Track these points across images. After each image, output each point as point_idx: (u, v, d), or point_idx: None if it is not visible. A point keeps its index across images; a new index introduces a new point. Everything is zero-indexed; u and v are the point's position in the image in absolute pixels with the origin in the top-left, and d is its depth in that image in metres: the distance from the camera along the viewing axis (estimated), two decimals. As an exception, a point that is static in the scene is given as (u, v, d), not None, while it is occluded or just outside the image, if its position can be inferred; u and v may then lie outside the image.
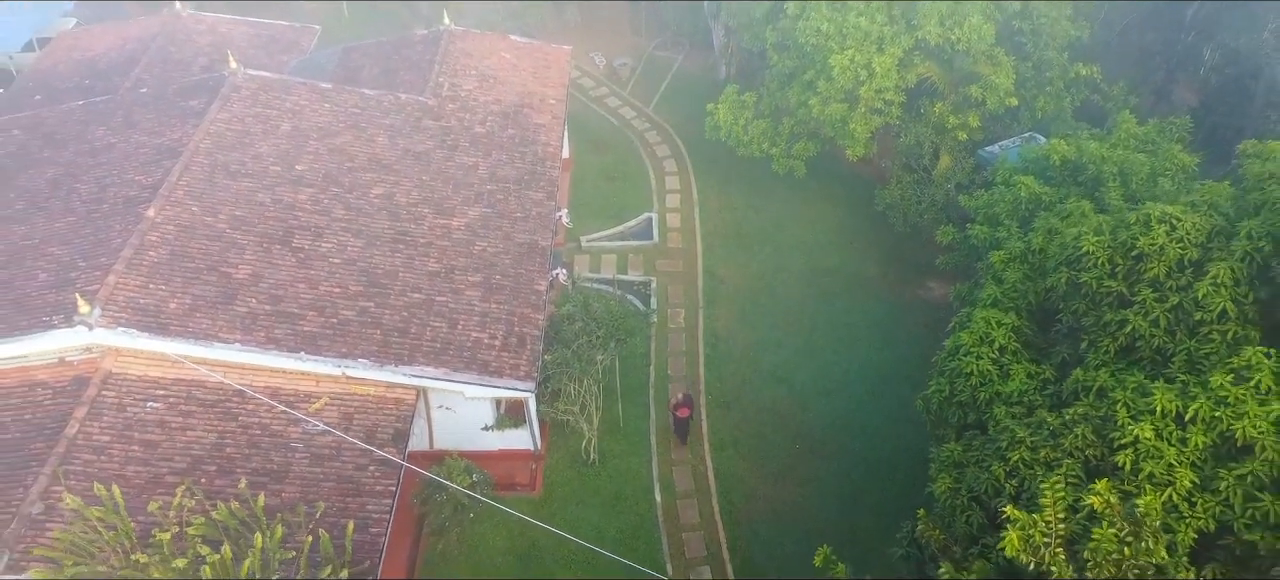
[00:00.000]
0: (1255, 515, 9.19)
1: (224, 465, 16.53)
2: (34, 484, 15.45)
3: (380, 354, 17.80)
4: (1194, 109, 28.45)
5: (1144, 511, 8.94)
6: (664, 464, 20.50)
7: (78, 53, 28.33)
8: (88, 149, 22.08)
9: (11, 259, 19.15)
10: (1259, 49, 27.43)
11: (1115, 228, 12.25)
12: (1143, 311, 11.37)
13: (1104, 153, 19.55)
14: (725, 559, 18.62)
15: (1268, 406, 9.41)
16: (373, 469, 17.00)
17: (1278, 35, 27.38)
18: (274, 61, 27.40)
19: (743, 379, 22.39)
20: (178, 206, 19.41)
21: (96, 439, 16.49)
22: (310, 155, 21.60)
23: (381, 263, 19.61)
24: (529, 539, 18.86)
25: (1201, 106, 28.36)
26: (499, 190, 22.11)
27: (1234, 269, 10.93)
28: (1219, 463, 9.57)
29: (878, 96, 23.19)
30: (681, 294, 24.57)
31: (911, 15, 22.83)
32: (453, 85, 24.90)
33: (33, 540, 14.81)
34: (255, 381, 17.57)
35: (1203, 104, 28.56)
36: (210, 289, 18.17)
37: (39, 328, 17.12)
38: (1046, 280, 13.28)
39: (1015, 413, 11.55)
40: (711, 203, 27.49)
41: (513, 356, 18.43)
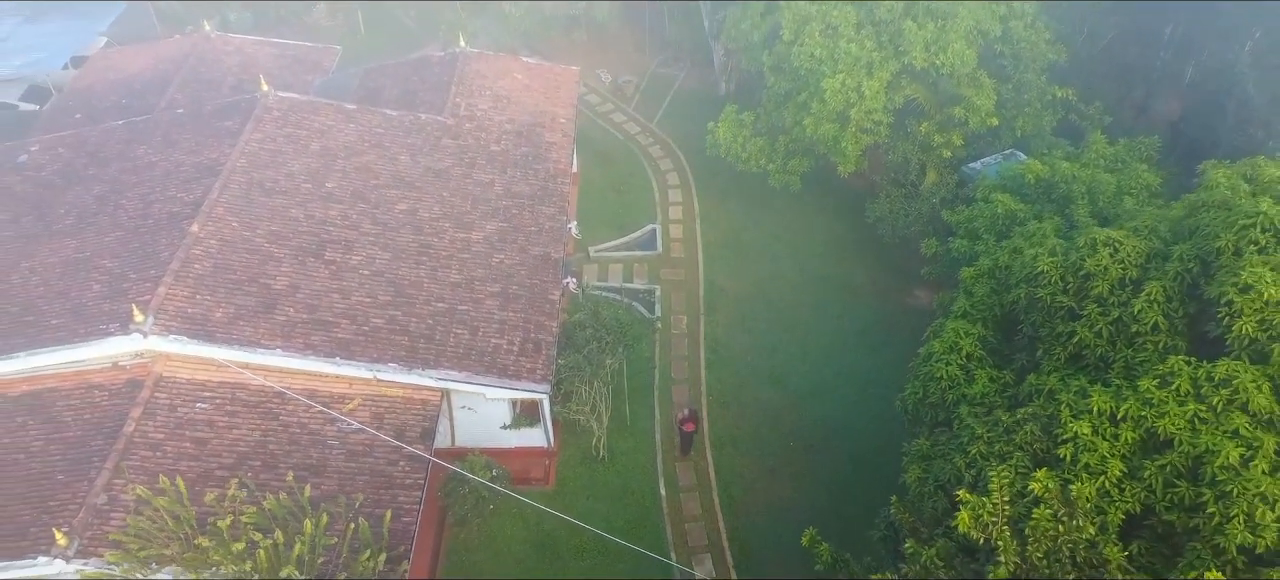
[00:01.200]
0: (1173, 499, 10.79)
1: (267, 461, 18.14)
2: (98, 477, 17.05)
3: (408, 359, 19.39)
4: (1174, 123, 30.01)
5: (1077, 496, 10.54)
6: (668, 460, 22.11)
7: (113, 72, 29.92)
8: (131, 167, 23.66)
9: (66, 271, 20.78)
10: (1232, 67, 28.96)
11: (1067, 250, 13.88)
12: (1088, 324, 12.98)
13: (1075, 172, 21.18)
14: (724, 547, 20.23)
15: (1185, 407, 11.00)
16: (403, 464, 18.59)
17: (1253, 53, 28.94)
18: (299, 81, 28.97)
19: (741, 381, 23.98)
20: (219, 222, 21.00)
21: (152, 436, 18.10)
22: (339, 173, 23.19)
23: (407, 274, 21.21)
24: (544, 530, 20.45)
25: (1181, 121, 29.93)
26: (514, 206, 23.71)
27: (1166, 287, 12.54)
28: (1144, 455, 11.16)
29: (867, 117, 24.77)
30: (684, 301, 26.17)
31: (899, 41, 24.41)
32: (469, 105, 26.48)
33: (99, 528, 16.41)
34: (294, 384, 19.17)
35: (1182, 118, 30.11)
36: (251, 299, 19.77)
37: (97, 335, 18.72)
38: (1009, 295, 14.91)
39: (976, 412, 13.16)
40: (712, 215, 29.08)
41: (529, 361, 20.01)
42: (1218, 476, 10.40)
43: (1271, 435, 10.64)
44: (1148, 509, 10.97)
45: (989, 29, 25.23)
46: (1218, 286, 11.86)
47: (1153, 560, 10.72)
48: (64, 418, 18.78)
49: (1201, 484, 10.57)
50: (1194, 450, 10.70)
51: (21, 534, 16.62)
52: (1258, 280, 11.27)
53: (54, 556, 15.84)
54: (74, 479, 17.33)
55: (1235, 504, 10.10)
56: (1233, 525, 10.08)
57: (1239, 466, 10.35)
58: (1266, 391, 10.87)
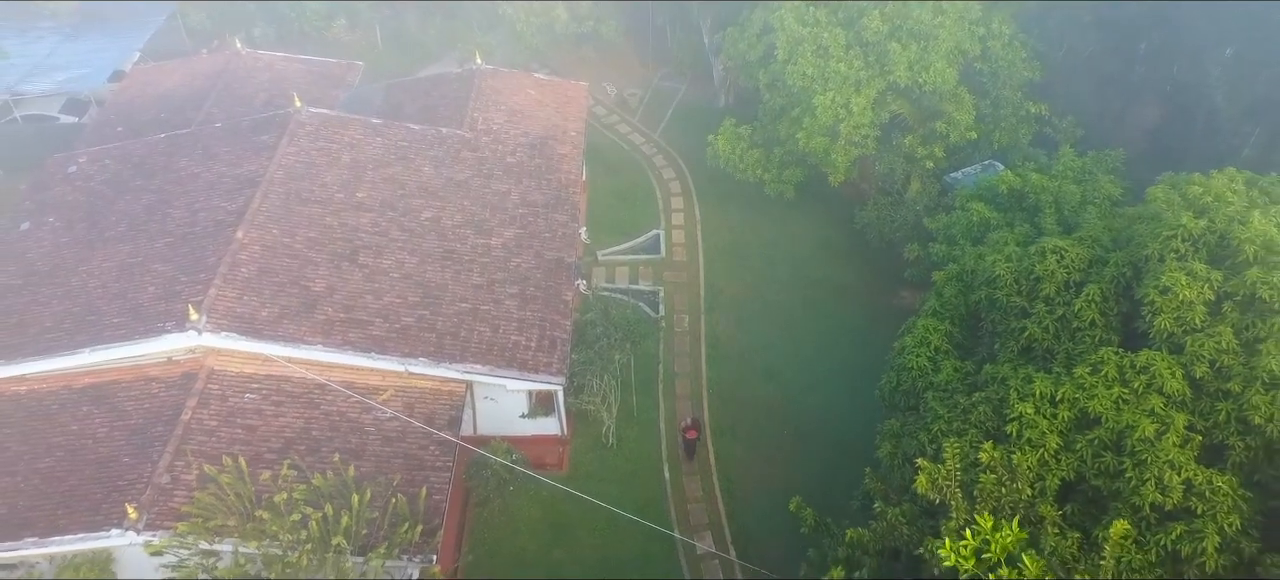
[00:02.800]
0: (1100, 467, 12.73)
1: (311, 445, 20.13)
2: (160, 459, 19.04)
3: (437, 353, 21.36)
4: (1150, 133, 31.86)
5: (1019, 464, 12.49)
6: (672, 448, 24.11)
7: (151, 87, 31.91)
8: (175, 178, 25.65)
9: (122, 274, 22.78)
10: (1203, 80, 30.85)
11: (1022, 256, 15.86)
12: (1037, 321, 14.95)
13: (1044, 183, 23.17)
14: (724, 525, 22.24)
15: (1111, 390, 12.94)
16: (433, 449, 20.57)
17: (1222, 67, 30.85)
18: (325, 96, 30.91)
19: (739, 375, 25.97)
20: (261, 229, 22.98)
21: (206, 423, 20.10)
22: (368, 183, 25.17)
23: (433, 277, 23.19)
24: (558, 510, 22.45)
25: (1156, 131, 31.80)
26: (530, 213, 25.70)
27: (1103, 289, 14.50)
28: (1077, 431, 13.10)
29: (856, 131, 26.77)
30: (686, 301, 28.17)
31: (884, 61, 26.42)
32: (486, 120, 28.47)
33: (164, 505, 18.40)
34: (333, 376, 21.15)
35: (1157, 129, 31.99)
36: (293, 300, 21.76)
37: (155, 332, 20.72)
38: (973, 295, 16.89)
39: (940, 397, 15.11)
40: (712, 221, 31.08)
41: (546, 356, 21.98)
42: (1136, 448, 12.37)
43: (1182, 414, 12.61)
44: (1080, 476, 12.94)
45: (969, 49, 27.25)
46: (1144, 288, 13.85)
47: (1083, 518, 12.67)
48: (126, 407, 20.79)
49: (1123, 454, 12.54)
50: (1118, 426, 12.68)
51: (95, 510, 18.63)
52: (1175, 283, 13.25)
53: (126, 529, 17.82)
54: (138, 461, 19.33)
55: (1148, 470, 12.07)
56: (1146, 487, 12.04)
57: (1153, 439, 12.32)
58: (1179, 377, 12.85)
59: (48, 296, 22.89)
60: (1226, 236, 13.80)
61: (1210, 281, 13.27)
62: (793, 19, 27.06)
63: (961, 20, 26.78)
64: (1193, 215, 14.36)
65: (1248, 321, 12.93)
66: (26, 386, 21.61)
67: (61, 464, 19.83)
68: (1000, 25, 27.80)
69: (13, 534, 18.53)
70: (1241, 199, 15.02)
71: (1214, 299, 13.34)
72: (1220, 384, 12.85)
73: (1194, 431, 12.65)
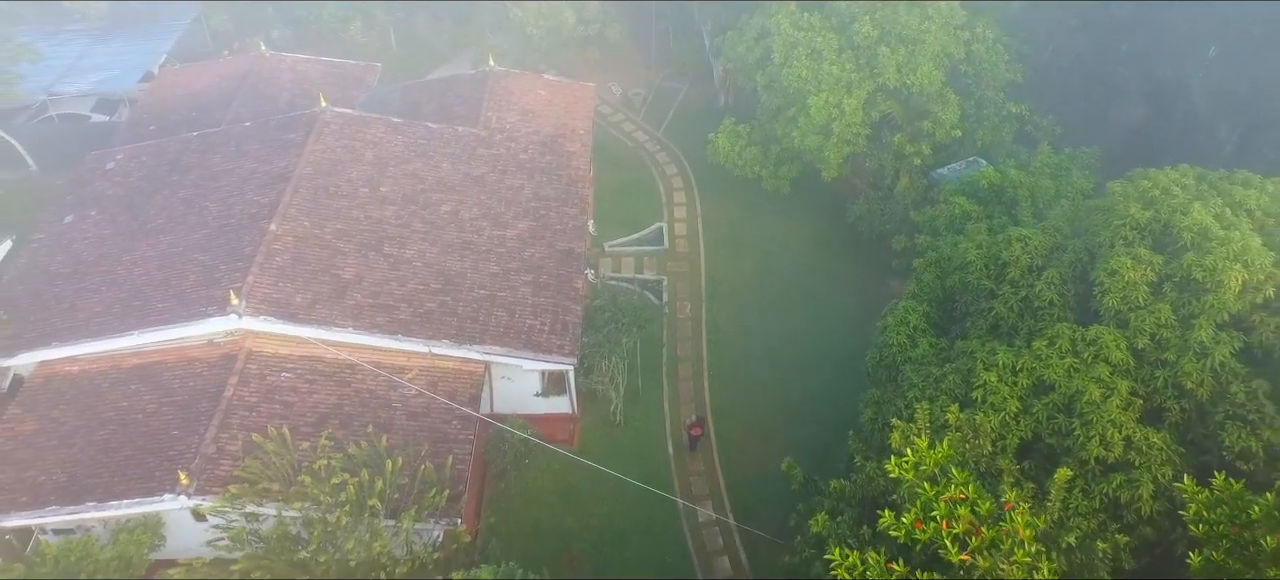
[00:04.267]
0: (1053, 427, 14.46)
1: (344, 419, 21.89)
2: (207, 432, 20.80)
3: (458, 336, 23.11)
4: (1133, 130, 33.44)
5: (981, 423, 14.21)
6: (675, 425, 25.87)
7: (180, 88, 33.63)
8: (209, 174, 27.36)
9: (164, 263, 24.52)
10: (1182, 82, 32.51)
11: (991, 244, 17.60)
12: (1003, 301, 16.68)
13: (1021, 178, 24.90)
14: (723, 495, 24.01)
15: (1064, 361, 14.65)
16: (455, 423, 22.32)
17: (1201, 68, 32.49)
18: (345, 96, 32.60)
19: (737, 359, 27.70)
20: (292, 222, 24.69)
21: (247, 400, 21.86)
22: (391, 179, 26.89)
23: (453, 266, 24.93)
24: (569, 482, 24.20)
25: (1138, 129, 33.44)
26: (542, 207, 27.42)
27: (1062, 272, 16.22)
28: (1034, 396, 14.83)
29: (848, 129, 28.49)
30: (687, 290, 29.91)
31: (875, 64, 28.13)
32: (499, 118, 30.18)
33: (211, 472, 20.16)
34: (362, 357, 22.90)
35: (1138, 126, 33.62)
36: (325, 287, 23.49)
37: (199, 316, 22.47)
38: (949, 280, 18.62)
39: (916, 368, 16.83)
40: (712, 214, 32.81)
41: (558, 339, 23.72)
42: (1084, 410, 14.09)
43: (1125, 380, 14.34)
44: (1036, 436, 14.67)
45: (954, 52, 28.96)
46: (1096, 271, 15.57)
47: (1038, 472, 14.38)
48: (171, 385, 22.56)
49: (1073, 416, 14.26)
50: (1069, 391, 14.41)
51: (148, 477, 20.41)
52: (1121, 266, 14.96)
53: (178, 494, 19.60)
54: (186, 434, 21.10)
55: (1094, 428, 13.78)
56: (1091, 443, 13.76)
57: (1100, 402, 14.03)
58: (1123, 348, 14.56)
59: (95, 284, 24.65)
60: (1169, 225, 15.52)
61: (1152, 265, 15.01)
62: (788, 24, 28.77)
63: (947, 25, 28.48)
64: (1141, 207, 16.08)
65: (1184, 299, 14.66)
66: (79, 367, 23.39)
67: (115, 436, 21.62)
68: (984, 29, 29.51)
69: (74, 499, 20.35)
70: (1189, 193, 16.71)
71: (1156, 280, 15.07)
72: (1159, 354, 14.60)
73: (1136, 396, 14.39)
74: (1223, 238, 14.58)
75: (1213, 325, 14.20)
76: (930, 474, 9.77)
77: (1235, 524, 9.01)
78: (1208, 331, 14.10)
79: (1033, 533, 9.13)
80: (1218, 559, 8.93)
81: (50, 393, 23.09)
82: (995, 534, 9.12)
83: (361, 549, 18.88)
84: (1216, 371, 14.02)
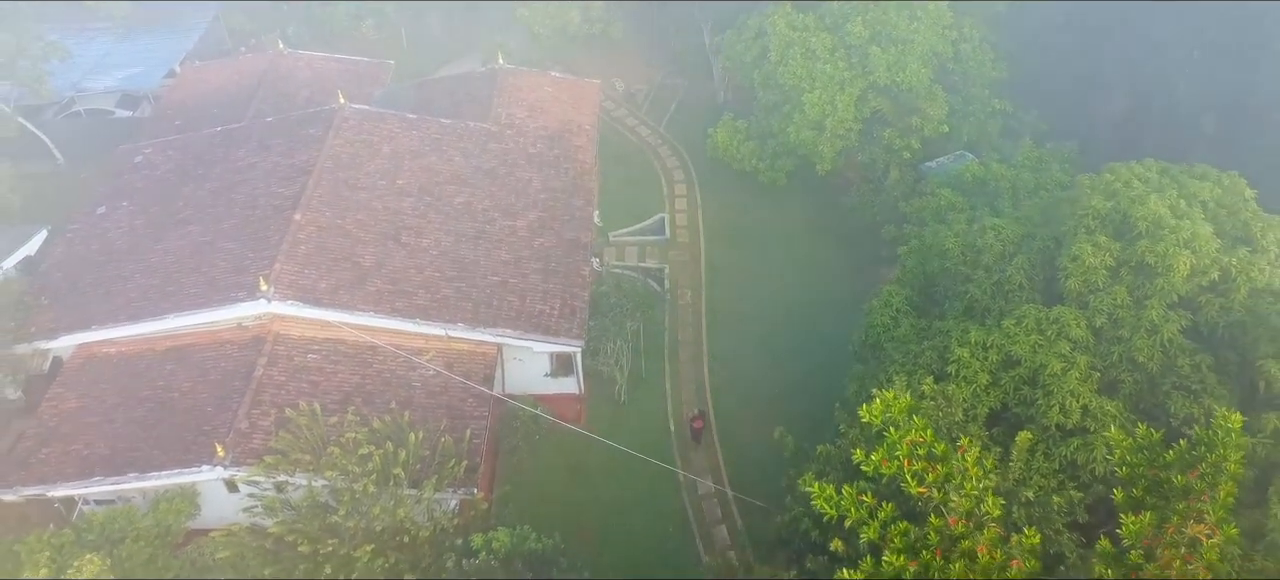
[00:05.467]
0: (1019, 398, 15.96)
1: (367, 397, 23.41)
2: (240, 408, 22.32)
3: (473, 320, 24.60)
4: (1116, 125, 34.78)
5: (954, 394, 15.71)
6: (676, 404, 27.39)
7: (202, 85, 35.08)
8: (234, 168, 28.81)
9: (195, 251, 26.00)
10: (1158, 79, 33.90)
11: (967, 233, 19.09)
12: (978, 284, 18.17)
13: (1003, 172, 26.39)
14: (721, 469, 25.55)
15: (1030, 337, 16.13)
16: (470, 401, 23.85)
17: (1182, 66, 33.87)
18: (360, 93, 34.00)
19: (735, 343, 29.20)
20: (315, 212, 26.15)
21: (276, 379, 23.38)
22: (407, 172, 28.33)
23: (467, 254, 26.39)
24: (577, 458, 25.73)
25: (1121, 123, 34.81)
26: (550, 198, 28.88)
27: (1031, 258, 17.72)
28: (1003, 370, 16.33)
29: (840, 125, 29.96)
30: (688, 278, 31.41)
31: (866, 63, 29.58)
32: (509, 114, 31.60)
33: (244, 445, 21.68)
34: (382, 340, 24.41)
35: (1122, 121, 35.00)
36: (346, 273, 24.97)
37: (230, 300, 23.96)
38: (930, 265, 20.13)
39: (897, 346, 18.33)
40: (711, 206, 34.27)
41: (567, 322, 25.19)
42: (1047, 382, 15.59)
43: (1084, 355, 15.84)
44: (1004, 405, 16.18)
45: (942, 51, 30.43)
46: (1061, 257, 17.06)
47: (1005, 437, 15.86)
48: (204, 366, 24.09)
49: (1037, 387, 15.77)
50: (1034, 365, 15.92)
51: (186, 450, 21.96)
52: (1082, 252, 16.45)
53: (215, 465, 21.15)
54: (220, 411, 22.62)
55: (1055, 398, 15.29)
56: (1052, 411, 15.28)
57: (1061, 374, 15.53)
58: (1083, 326, 16.06)
59: (130, 271, 26.15)
60: (1127, 215, 16.99)
61: (1110, 251, 16.50)
62: (784, 24, 30.23)
63: (935, 25, 29.94)
64: (1102, 198, 17.56)
65: (1138, 282, 16.16)
66: (116, 349, 24.93)
67: (153, 413, 23.17)
68: (970, 29, 30.97)
69: (118, 470, 21.92)
70: (1149, 185, 18.15)
71: (1114, 265, 16.55)
72: (1115, 331, 16.10)
73: (1094, 369, 15.90)
74: (1174, 226, 16.08)
75: (1163, 305, 15.71)
76: (895, 420, 11.24)
77: (1153, 467, 10.50)
78: (1158, 311, 15.60)
79: (980, 471, 10.61)
80: (1138, 495, 10.43)
81: (90, 373, 24.62)
82: (948, 470, 10.60)
83: (386, 515, 20.44)
84: (1165, 347, 15.54)
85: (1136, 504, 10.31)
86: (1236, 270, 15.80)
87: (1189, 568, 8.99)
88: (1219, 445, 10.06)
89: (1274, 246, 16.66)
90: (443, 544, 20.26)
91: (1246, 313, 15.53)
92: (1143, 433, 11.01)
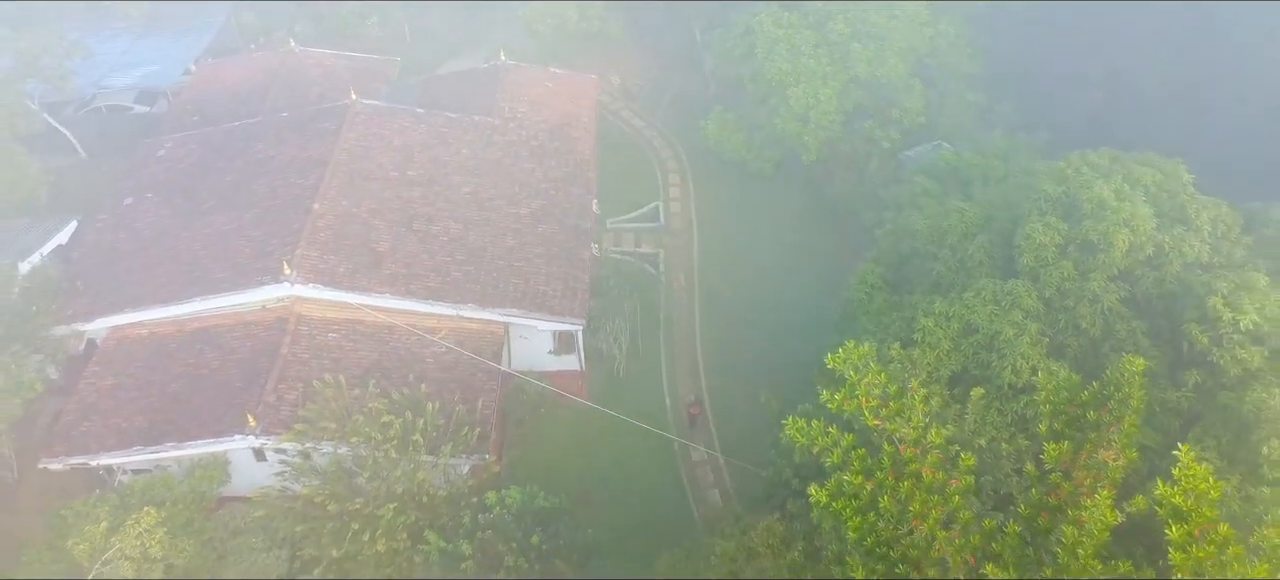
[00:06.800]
0: (977, 362, 17.90)
1: (385, 372, 25.22)
2: (268, 383, 24.12)
3: (481, 300, 26.41)
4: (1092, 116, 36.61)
5: (917, 358, 17.61)
6: (672, 379, 29.30)
7: (218, 82, 36.77)
8: (253, 160, 30.55)
9: (220, 239, 27.76)
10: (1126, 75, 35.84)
11: (935, 216, 21.02)
12: (943, 262, 20.11)
13: (975, 161, 28.30)
14: (713, 437, 27.49)
15: (986, 308, 18.06)
16: (480, 376, 25.72)
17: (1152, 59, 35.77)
18: (369, 89, 35.69)
19: (727, 323, 31.07)
20: (332, 202, 27.92)
21: (300, 356, 25.20)
22: (417, 164, 30.12)
23: (475, 240, 28.19)
24: (579, 431, 27.58)
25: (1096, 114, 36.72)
26: (552, 188, 30.71)
27: (990, 238, 19.65)
28: (963, 337, 18.25)
29: (824, 117, 31.83)
30: (682, 262, 33.27)
31: (847, 58, 31.45)
32: (511, 108, 33.39)
33: (273, 417, 23.52)
34: (398, 320, 26.24)
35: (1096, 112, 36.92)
36: (363, 258, 26.77)
37: (255, 284, 25.74)
38: (902, 246, 22.05)
39: (870, 317, 20.27)
40: (703, 194, 36.09)
41: (569, 302, 27.01)
42: (1001, 346, 17.52)
43: (1035, 323, 17.78)
44: (964, 369, 18.11)
45: (919, 47, 32.31)
46: (1017, 236, 19.01)
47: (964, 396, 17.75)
48: (232, 345, 25.89)
49: (992, 352, 17.71)
50: (990, 333, 17.86)
51: (219, 421, 23.79)
52: (1033, 232, 18.38)
53: (247, 434, 22.99)
54: (249, 385, 24.43)
55: (1007, 360, 17.22)
56: (1005, 372, 17.22)
57: (1013, 339, 17.47)
58: (1034, 298, 17.99)
59: (158, 258, 27.91)
60: (1076, 198, 18.91)
61: (1059, 230, 18.44)
62: (770, 22, 32.08)
63: (912, 22, 31.83)
64: (1054, 183, 19.50)
65: (1083, 258, 18.09)
66: (148, 331, 26.71)
67: (186, 388, 24.99)
68: (946, 26, 32.86)
69: (155, 440, 23.75)
70: (1098, 171, 20.06)
71: (1062, 243, 18.49)
72: (1062, 301, 18.04)
73: (1043, 335, 17.85)
74: (1115, 207, 18.01)
75: (1104, 278, 17.66)
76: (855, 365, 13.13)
77: (1072, 404, 12.40)
78: (1100, 283, 17.54)
79: (926, 407, 12.50)
80: (1059, 428, 12.33)
81: (123, 354, 26.41)
82: (899, 406, 12.48)
83: (406, 479, 22.31)
84: (1105, 315, 17.48)
85: (1058, 435, 12.22)
86: (1169, 247, 17.76)
87: (1098, 485, 10.87)
88: (1125, 385, 12.00)
89: (1206, 226, 18.63)
90: (459, 502, 22.14)
91: (1177, 284, 17.49)
92: (1064, 377, 12.92)
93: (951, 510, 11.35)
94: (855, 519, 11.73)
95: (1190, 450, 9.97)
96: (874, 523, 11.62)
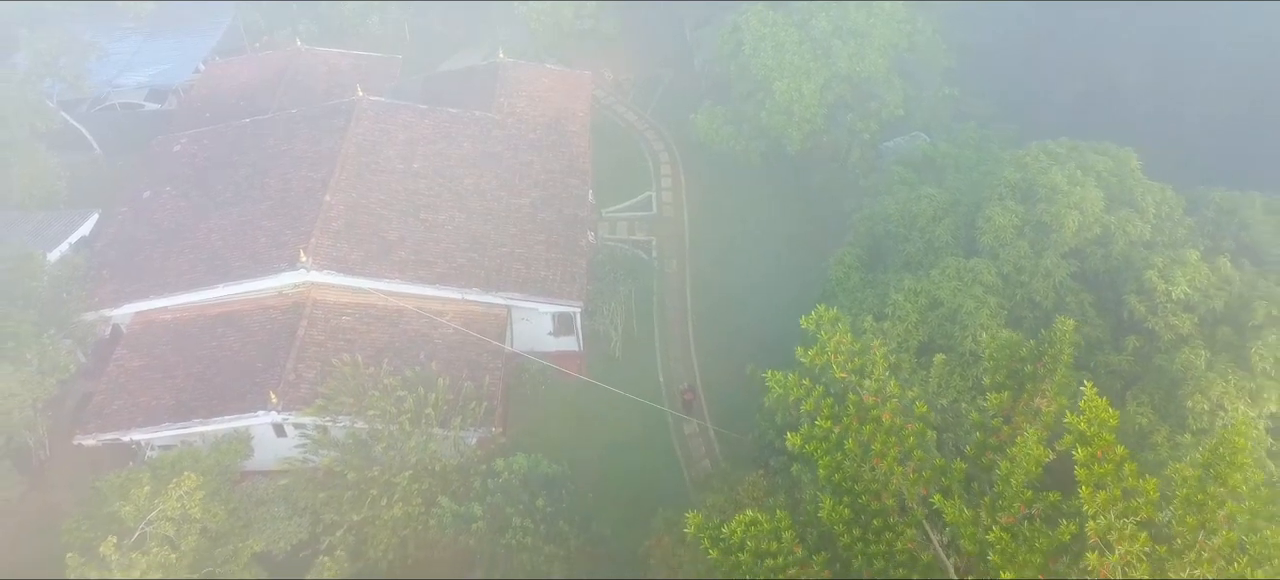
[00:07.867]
0: (942, 332, 19.75)
1: (397, 352, 26.90)
2: (287, 363, 25.79)
3: (485, 285, 28.11)
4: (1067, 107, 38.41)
5: (887, 329, 19.41)
6: (665, 359, 31.08)
7: (227, 80, 38.32)
8: (266, 154, 32.13)
9: (237, 229, 29.37)
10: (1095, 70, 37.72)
11: (905, 201, 22.84)
12: (912, 244, 21.94)
13: (949, 151, 30.11)
14: (705, 411, 29.29)
15: (950, 284, 19.87)
16: (485, 355, 27.44)
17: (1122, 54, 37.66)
18: (374, 86, 37.17)
19: (716, 306, 32.85)
20: (343, 193, 29.54)
21: (316, 338, 26.86)
22: (421, 157, 31.77)
23: (478, 228, 29.88)
24: (578, 408, 29.31)
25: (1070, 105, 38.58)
26: (550, 179, 32.41)
27: (956, 221, 21.47)
28: (930, 310, 20.07)
29: (807, 110, 33.59)
30: (673, 248, 35.02)
31: (829, 54, 33.20)
32: (510, 104, 35.05)
33: (292, 395, 25.19)
34: (407, 304, 27.90)
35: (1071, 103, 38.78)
36: (374, 246, 28.44)
37: (273, 271, 27.40)
38: (877, 229, 23.89)
39: (847, 294, 22.09)
40: (694, 184, 37.83)
41: (568, 285, 28.74)
42: (963, 318, 19.35)
43: (994, 297, 19.62)
44: (930, 339, 19.95)
45: (898, 43, 34.08)
46: (979, 218, 20.84)
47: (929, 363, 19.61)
48: (251, 328, 27.54)
49: (955, 324, 19.54)
50: (954, 306, 19.69)
51: (242, 398, 25.46)
52: (993, 214, 20.21)
53: (269, 409, 24.67)
54: (269, 366, 26.10)
55: (968, 330, 19.05)
56: (966, 341, 19.04)
57: (973, 312, 19.29)
58: (993, 274, 19.83)
59: (179, 248, 29.52)
60: (1033, 184, 20.75)
61: (1016, 213, 20.27)
62: (756, 20, 33.81)
63: (891, 19, 33.60)
64: (1014, 170, 21.33)
65: (1038, 237, 19.93)
66: (171, 316, 28.35)
67: (209, 368, 26.65)
68: (924, 23, 34.65)
69: (183, 416, 25.43)
70: (1055, 159, 21.88)
71: (1020, 224, 20.33)
72: (1018, 277, 19.87)
73: (1002, 308, 19.70)
74: (1067, 192, 19.85)
75: (1056, 256, 19.50)
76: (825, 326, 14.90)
77: (1012, 360, 14.20)
78: (1052, 260, 19.38)
79: (886, 362, 14.28)
80: (1000, 379, 14.13)
81: (148, 338, 28.05)
82: (862, 362, 14.26)
83: (419, 450, 24.05)
84: (1057, 289, 19.33)
85: (1000, 386, 14.02)
86: (1115, 227, 19.60)
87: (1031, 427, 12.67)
88: (1058, 343, 13.80)
89: (1151, 207, 20.48)
90: (469, 470, 23.90)
91: (1121, 260, 19.34)
92: (1006, 337, 14.74)
93: (907, 449, 13.12)
94: (825, 458, 13.52)
95: (1093, 385, 11.77)
96: (841, 461, 13.40)
